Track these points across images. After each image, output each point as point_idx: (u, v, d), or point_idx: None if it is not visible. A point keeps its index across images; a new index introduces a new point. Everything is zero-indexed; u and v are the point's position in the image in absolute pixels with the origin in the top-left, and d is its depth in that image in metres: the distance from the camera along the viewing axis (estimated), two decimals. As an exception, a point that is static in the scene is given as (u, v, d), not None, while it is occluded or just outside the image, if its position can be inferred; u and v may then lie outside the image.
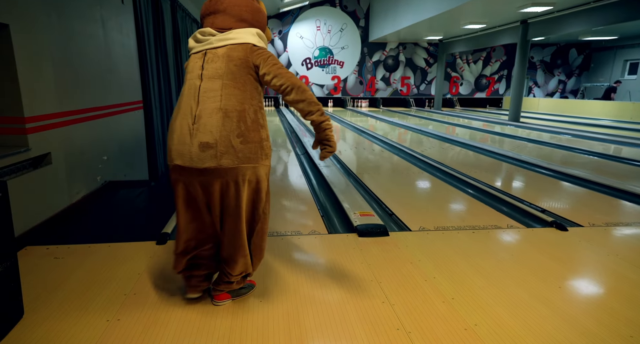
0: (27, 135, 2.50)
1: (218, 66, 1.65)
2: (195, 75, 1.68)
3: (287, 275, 2.19)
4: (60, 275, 2.12)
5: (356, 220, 2.97)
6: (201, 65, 1.69)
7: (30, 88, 2.53)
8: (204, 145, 1.59)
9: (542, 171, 5.03)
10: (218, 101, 1.61)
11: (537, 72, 17.04)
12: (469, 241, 2.69)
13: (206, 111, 1.60)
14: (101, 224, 3.01)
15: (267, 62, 1.68)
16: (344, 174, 4.63)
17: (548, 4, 8.23)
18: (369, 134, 8.34)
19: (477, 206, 3.58)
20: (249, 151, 1.63)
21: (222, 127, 1.59)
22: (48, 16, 2.75)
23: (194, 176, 1.65)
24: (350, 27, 15.63)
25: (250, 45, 1.68)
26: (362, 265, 2.32)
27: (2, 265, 1.54)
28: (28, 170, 2.58)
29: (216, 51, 1.67)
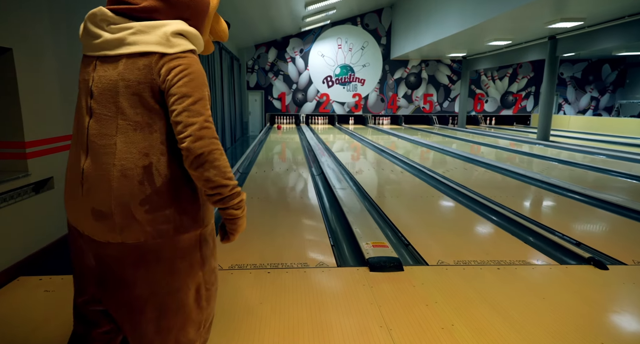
0: (27, 160, 2.44)
1: (111, 95, 1.07)
2: (84, 103, 1.13)
3: (288, 314, 1.99)
4: (50, 310, 2.00)
5: (369, 251, 2.74)
6: (89, 88, 1.10)
7: (33, 112, 2.49)
8: (97, 213, 1.09)
9: (575, 196, 4.65)
10: (112, 154, 1.07)
11: (567, 88, 16.41)
12: (494, 280, 2.41)
13: (96, 167, 1.08)
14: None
15: (179, 93, 1.05)
16: (360, 197, 4.42)
17: (578, 20, 7.88)
18: (390, 153, 8.10)
19: (502, 237, 3.28)
20: (161, 221, 1.10)
21: (117, 192, 1.07)
22: (54, 39, 2.74)
23: (92, 249, 1.16)
24: (372, 44, 15.60)
25: (155, 56, 1.06)
26: (371, 306, 2.09)
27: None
28: (29, 195, 2.52)
29: (108, 65, 1.08)
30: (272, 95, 15.66)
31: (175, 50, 1.07)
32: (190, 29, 1.12)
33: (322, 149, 8.62)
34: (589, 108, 16.49)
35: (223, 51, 9.70)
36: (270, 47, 15.25)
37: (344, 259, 2.86)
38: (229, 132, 10.25)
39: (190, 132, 1.04)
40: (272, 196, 4.63)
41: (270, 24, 12.53)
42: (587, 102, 16.47)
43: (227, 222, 1.15)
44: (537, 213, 4.18)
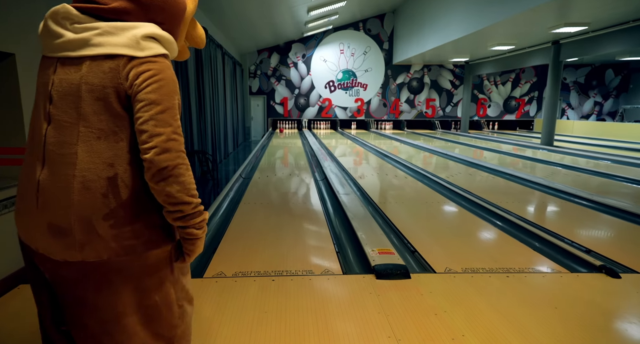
0: (29, 166, 2.41)
1: (72, 100, 0.97)
2: (42, 108, 1.01)
3: (293, 324, 1.94)
4: (47, 319, 1.96)
5: (375, 258, 2.69)
6: (48, 92, 1.00)
7: (36, 117, 2.47)
8: (54, 228, 0.98)
9: (581, 201, 4.59)
10: (72, 164, 0.97)
11: (570, 93, 16.37)
12: (503, 288, 2.36)
13: (54, 178, 0.98)
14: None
15: (146, 100, 0.96)
16: (364, 203, 4.37)
17: (582, 24, 7.86)
18: (392, 158, 8.06)
19: (509, 244, 3.22)
20: (127, 236, 1.01)
21: (78, 206, 0.97)
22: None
23: (47, 269, 1.06)
24: (374, 50, 15.63)
25: (123, 59, 0.97)
26: (379, 315, 2.04)
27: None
28: (30, 201, 2.48)
29: (70, 68, 0.98)
30: (274, 100, 15.67)
31: (145, 53, 0.99)
32: (163, 33, 1.05)
33: (325, 154, 8.59)
34: (593, 113, 16.43)
35: (225, 56, 9.71)
36: (272, 52, 15.29)
37: (350, 266, 2.81)
38: (231, 137, 10.24)
39: (156, 143, 0.95)
40: (275, 202, 4.59)
41: (273, 29, 12.57)
42: (591, 107, 16.42)
43: (185, 242, 1.07)
44: (544, 219, 4.12)
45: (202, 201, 1.06)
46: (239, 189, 5.21)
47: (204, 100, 6.65)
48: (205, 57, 6.86)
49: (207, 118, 6.99)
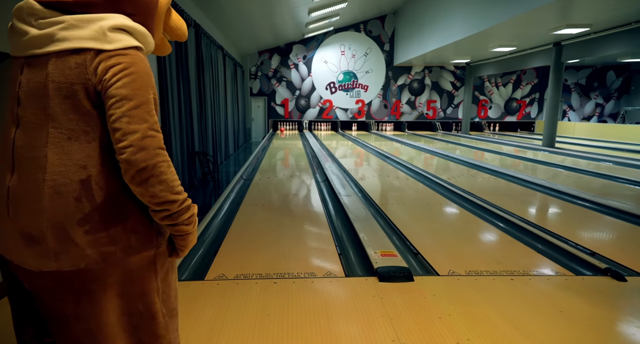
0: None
1: (39, 101, 0.91)
2: (10, 111, 0.96)
3: (296, 327, 1.91)
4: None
5: (377, 260, 2.67)
6: (16, 93, 0.94)
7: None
8: (27, 237, 0.93)
9: (583, 203, 4.56)
10: (42, 168, 0.91)
11: (571, 95, 16.35)
12: (508, 292, 2.33)
13: (23, 184, 0.93)
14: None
15: (117, 95, 0.90)
16: (366, 204, 4.35)
17: (584, 26, 7.85)
18: (393, 160, 8.04)
19: (513, 246, 3.20)
20: (104, 242, 0.94)
21: (50, 212, 0.91)
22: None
23: (25, 280, 1.00)
24: (375, 51, 15.63)
25: (90, 53, 0.91)
26: (382, 318, 2.02)
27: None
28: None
29: (35, 67, 0.92)
30: (275, 102, 15.67)
31: (114, 46, 0.92)
32: (134, 24, 0.97)
33: (326, 155, 8.57)
34: (594, 115, 16.41)
35: (226, 57, 9.71)
36: (273, 53, 15.30)
37: (352, 268, 2.78)
38: (232, 139, 10.23)
39: (131, 141, 0.88)
40: (277, 204, 4.57)
41: (274, 31, 12.57)
42: (592, 108, 16.40)
43: (176, 238, 1.03)
44: (547, 221, 4.10)
45: (203, 202, 1.04)
46: (240, 190, 5.19)
47: (204, 101, 6.63)
48: (206, 58, 6.86)
49: (208, 120, 6.98)
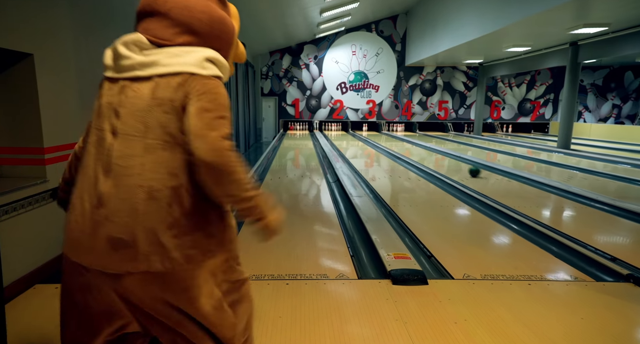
0: (45, 166, 2.42)
1: (140, 115, 1.03)
2: (107, 124, 1.06)
3: (308, 330, 1.89)
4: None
5: (390, 263, 2.63)
6: (114, 109, 1.06)
7: (52, 118, 2.48)
8: (115, 241, 1.00)
9: (601, 207, 4.45)
10: (138, 175, 1.01)
11: (587, 96, 16.03)
12: (526, 297, 2.27)
13: (120, 190, 1.01)
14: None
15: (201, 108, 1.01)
16: (377, 205, 4.31)
17: (602, 25, 7.68)
18: (405, 160, 7.97)
19: (529, 249, 3.13)
20: (188, 246, 1.04)
21: (144, 216, 1.00)
22: (77, 44, 2.74)
23: (106, 283, 1.06)
24: (386, 51, 15.54)
25: (187, 75, 1.04)
26: (396, 323, 1.98)
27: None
28: (47, 202, 2.49)
29: (139, 86, 1.05)
30: (285, 102, 15.68)
31: (207, 72, 1.07)
32: (220, 57, 1.13)
33: (337, 156, 8.54)
34: (611, 116, 16.06)
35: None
36: (284, 53, 15.32)
37: (364, 270, 2.75)
38: (242, 138, 10.26)
39: (206, 143, 0.99)
40: (288, 204, 4.56)
41: (285, 31, 12.59)
42: (609, 109, 16.05)
43: (261, 228, 1.16)
44: (563, 224, 4.01)
45: None
46: (251, 190, 5.17)
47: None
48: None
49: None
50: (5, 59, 2.27)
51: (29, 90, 2.31)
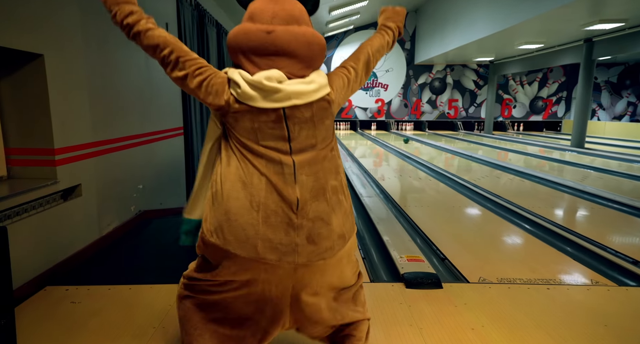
0: (55, 167, 2.41)
1: (310, 132, 1.28)
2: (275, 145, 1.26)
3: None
4: (74, 322, 1.93)
5: (403, 266, 2.57)
6: (286, 130, 1.26)
7: (62, 119, 2.46)
8: (315, 236, 1.24)
9: (619, 207, 4.32)
10: (322, 176, 1.29)
11: (601, 93, 15.72)
12: (546, 303, 2.19)
13: (312, 194, 1.25)
14: (127, 260, 2.86)
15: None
16: (388, 205, 4.25)
17: (618, 21, 7.49)
18: (414, 159, 7.88)
19: (545, 251, 3.04)
20: (349, 229, 1.33)
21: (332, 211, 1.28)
22: (87, 45, 2.73)
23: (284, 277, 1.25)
24: (395, 49, 15.42)
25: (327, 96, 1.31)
26: (411, 328, 1.92)
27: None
28: (57, 203, 2.48)
29: (302, 110, 1.26)
30: (294, 101, 15.65)
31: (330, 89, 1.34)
32: None
33: (345, 155, 8.48)
34: (626, 114, 15.73)
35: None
36: (293, 52, 15.28)
37: (377, 272, 2.70)
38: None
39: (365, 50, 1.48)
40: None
41: (294, 30, 12.54)
42: (624, 107, 15.72)
43: None
44: (580, 225, 3.90)
45: None
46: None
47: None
48: (227, 58, 6.86)
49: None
50: (16, 60, 2.26)
51: (40, 90, 2.30)
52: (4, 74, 2.28)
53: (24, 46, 2.17)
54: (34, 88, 2.31)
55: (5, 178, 2.37)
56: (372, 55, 1.45)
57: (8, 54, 2.18)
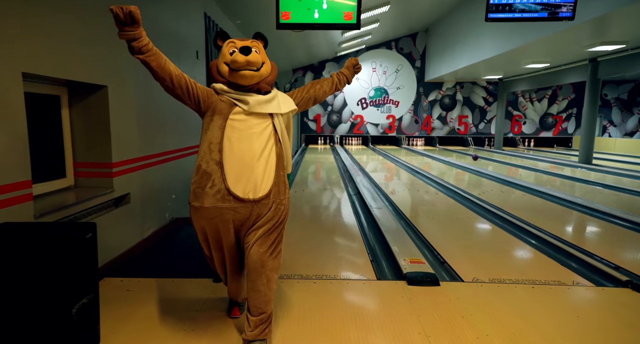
0: (112, 178, 2.88)
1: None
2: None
3: (333, 319, 2.22)
4: (130, 307, 2.35)
5: (406, 267, 2.93)
6: (274, 129, 1.96)
7: (118, 137, 2.95)
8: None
9: (622, 223, 4.58)
10: None
11: (612, 110, 15.86)
12: (528, 298, 2.53)
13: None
14: (166, 259, 3.28)
15: None
16: (396, 216, 4.61)
17: (619, 43, 7.82)
18: (424, 175, 8.23)
19: (538, 258, 3.36)
20: None
21: None
22: (137, 74, 3.23)
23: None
24: (406, 67, 15.92)
25: None
26: (410, 315, 2.28)
27: (87, 296, 1.77)
28: (111, 209, 2.94)
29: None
30: (307, 117, 16.21)
31: None
32: None
33: (357, 169, 8.87)
34: (637, 131, 15.79)
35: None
36: (307, 71, 15.92)
37: (383, 273, 3.06)
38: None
39: None
40: (311, 215, 4.91)
41: (308, 50, 13.17)
42: (635, 124, 15.80)
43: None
44: (577, 237, 4.19)
45: None
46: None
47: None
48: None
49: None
50: (86, 90, 2.76)
51: (103, 115, 2.79)
52: (75, 102, 2.79)
53: (92, 79, 2.67)
54: (99, 113, 2.80)
55: (72, 187, 2.85)
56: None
57: (80, 86, 2.68)
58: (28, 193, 2.07)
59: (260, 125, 1.84)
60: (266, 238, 1.87)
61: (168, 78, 1.74)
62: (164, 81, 1.75)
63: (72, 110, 2.79)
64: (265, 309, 1.89)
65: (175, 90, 1.78)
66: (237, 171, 1.78)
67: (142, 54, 1.65)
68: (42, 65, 2.19)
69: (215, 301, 2.43)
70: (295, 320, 2.22)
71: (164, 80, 1.74)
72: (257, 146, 1.81)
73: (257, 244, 1.85)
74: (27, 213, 2.07)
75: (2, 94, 1.92)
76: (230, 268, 2.05)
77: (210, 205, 1.79)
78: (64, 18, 2.37)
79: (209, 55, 5.46)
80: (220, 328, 2.13)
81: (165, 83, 1.76)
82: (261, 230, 1.85)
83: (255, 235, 1.85)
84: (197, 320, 2.20)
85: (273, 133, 1.87)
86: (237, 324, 2.16)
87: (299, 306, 2.38)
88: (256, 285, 1.86)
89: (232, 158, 1.78)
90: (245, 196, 1.79)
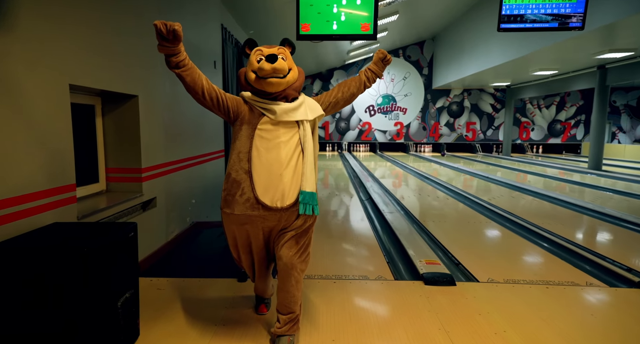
0: (142, 183, 3.03)
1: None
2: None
3: (357, 316, 2.32)
4: (162, 305, 2.47)
5: (422, 267, 3.03)
6: (299, 139, 2.05)
7: (147, 144, 3.10)
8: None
9: (633, 227, 4.62)
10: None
11: (621, 117, 15.83)
12: (543, 297, 2.61)
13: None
14: (191, 260, 3.41)
15: None
16: (408, 220, 4.70)
17: (628, 50, 7.90)
18: (432, 180, 8.31)
19: (551, 260, 3.43)
20: None
21: None
22: (164, 84, 3.40)
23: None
24: (414, 75, 16.08)
25: None
26: (429, 313, 2.38)
27: (130, 291, 1.90)
28: (139, 212, 3.08)
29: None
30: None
31: None
32: None
33: (367, 175, 8.98)
34: (646, 137, 15.73)
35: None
36: (315, 79, 16.14)
37: (400, 274, 3.15)
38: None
39: None
40: (326, 219, 5.02)
41: (316, 59, 13.40)
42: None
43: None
44: (589, 241, 4.25)
45: None
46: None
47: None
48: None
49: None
50: (118, 100, 2.93)
51: (134, 123, 2.96)
52: (108, 111, 2.95)
53: (125, 89, 2.84)
54: (130, 120, 2.96)
55: (104, 192, 3.00)
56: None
57: (113, 96, 2.85)
58: (73, 195, 2.22)
59: (288, 133, 1.88)
60: (295, 241, 1.95)
61: (200, 92, 1.82)
62: (196, 94, 1.83)
63: (105, 118, 2.96)
64: (294, 309, 1.99)
65: (206, 103, 1.86)
66: (265, 180, 1.83)
67: (179, 68, 1.74)
68: (84, 77, 2.35)
69: (242, 299, 2.54)
70: (317, 315, 2.33)
71: (196, 93, 1.82)
72: (284, 154, 1.85)
73: (286, 247, 1.92)
74: (72, 214, 2.22)
75: (55, 105, 2.09)
76: (258, 268, 2.15)
77: (240, 212, 1.86)
78: (104, 33, 2.55)
79: (226, 65, 5.65)
80: (249, 323, 2.24)
81: (197, 96, 1.84)
82: (290, 233, 1.93)
83: (284, 238, 1.93)
84: (227, 317, 2.32)
85: (300, 140, 1.93)
86: (264, 320, 2.27)
87: (320, 302, 2.49)
88: (285, 285, 1.95)
89: (261, 168, 1.83)
90: (273, 205, 1.85)
